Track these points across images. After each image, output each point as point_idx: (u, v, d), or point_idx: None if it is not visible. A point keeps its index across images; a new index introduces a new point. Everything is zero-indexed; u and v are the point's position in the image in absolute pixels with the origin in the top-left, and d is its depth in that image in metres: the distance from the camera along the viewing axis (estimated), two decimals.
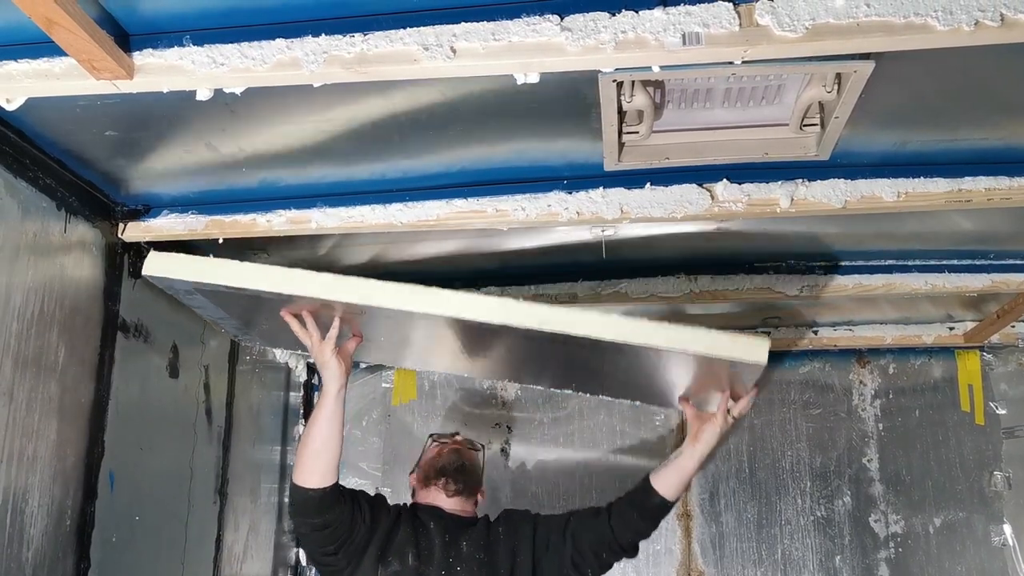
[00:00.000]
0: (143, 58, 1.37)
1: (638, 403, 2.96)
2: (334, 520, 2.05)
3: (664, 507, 2.15)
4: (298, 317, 2.01)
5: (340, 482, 2.09)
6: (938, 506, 3.07)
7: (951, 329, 3.09)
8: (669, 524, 3.05)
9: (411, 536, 2.14)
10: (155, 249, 1.95)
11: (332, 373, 2.00)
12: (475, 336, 2.09)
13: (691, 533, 3.09)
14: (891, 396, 3.18)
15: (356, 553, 2.10)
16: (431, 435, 2.53)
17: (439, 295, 1.88)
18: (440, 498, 2.28)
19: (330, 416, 2.01)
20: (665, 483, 2.14)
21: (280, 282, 1.87)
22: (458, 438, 2.46)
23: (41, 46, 1.35)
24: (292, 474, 2.05)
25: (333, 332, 1.98)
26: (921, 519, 3.06)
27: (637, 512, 2.15)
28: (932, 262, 2.47)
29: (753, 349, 1.87)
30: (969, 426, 3.12)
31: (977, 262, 2.46)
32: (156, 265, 1.89)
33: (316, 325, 1.99)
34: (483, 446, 2.58)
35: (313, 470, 2.01)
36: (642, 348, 1.91)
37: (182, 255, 1.92)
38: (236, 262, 1.90)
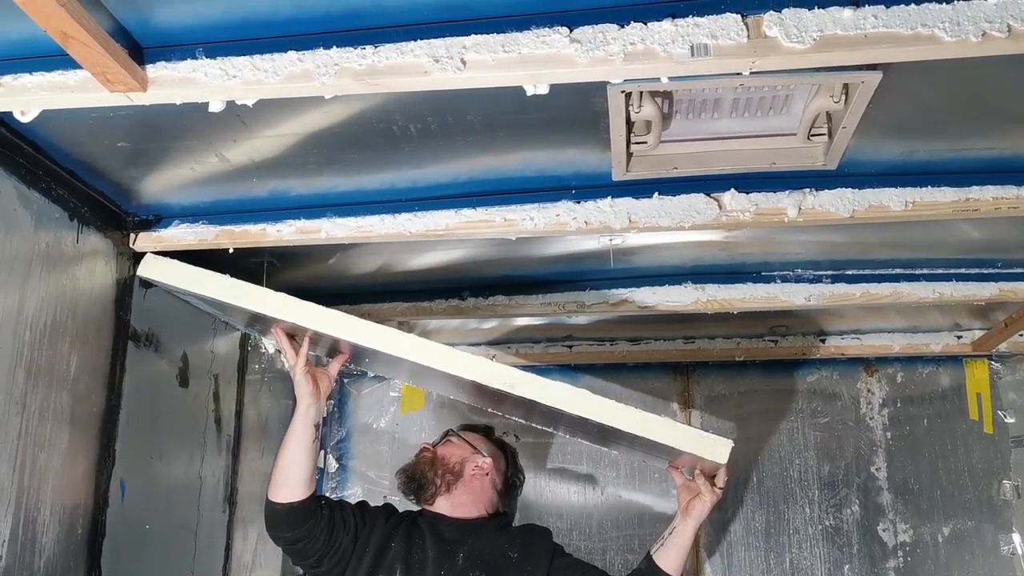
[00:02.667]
0: (156, 71, 1.39)
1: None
2: (306, 535, 2.06)
3: None
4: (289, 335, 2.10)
5: (341, 496, 2.11)
6: (947, 515, 3.06)
7: (959, 338, 3.09)
8: None
9: (404, 549, 2.12)
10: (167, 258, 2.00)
11: (301, 391, 2.07)
12: (455, 379, 2.11)
13: (699, 542, 3.08)
14: (899, 405, 3.17)
15: (345, 564, 2.10)
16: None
17: (400, 339, 2.01)
18: (432, 505, 2.27)
19: (298, 433, 2.05)
20: (668, 561, 2.18)
21: (262, 302, 2.00)
22: (428, 443, 2.40)
23: (56, 59, 1.37)
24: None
25: (303, 351, 2.08)
26: (930, 528, 3.05)
27: None
28: (939, 271, 2.46)
29: (715, 449, 2.02)
30: (977, 435, 3.11)
31: (985, 271, 2.45)
32: (151, 268, 2.01)
33: (290, 345, 2.09)
34: (483, 431, 2.48)
35: (282, 484, 2.05)
36: (611, 428, 1.98)
37: (176, 262, 2.01)
38: (225, 277, 2.01)
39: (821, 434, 3.16)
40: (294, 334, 2.12)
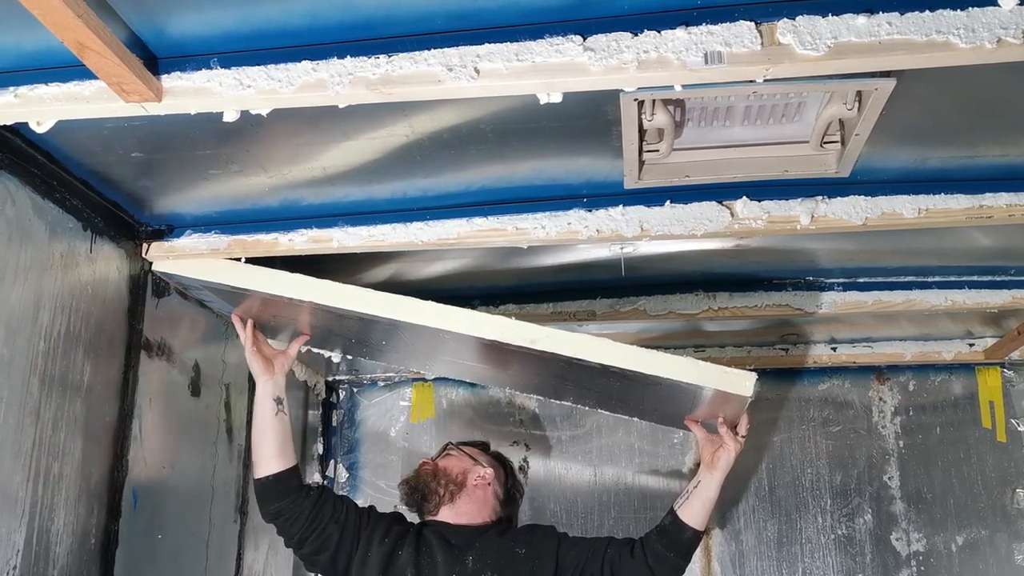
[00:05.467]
0: (171, 81, 1.39)
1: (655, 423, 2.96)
2: (286, 509, 2.12)
3: (697, 539, 2.17)
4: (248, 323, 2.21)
5: (343, 491, 2.16)
6: (960, 524, 3.04)
7: (971, 346, 3.07)
8: None
9: (412, 556, 2.13)
10: None
11: (255, 370, 2.19)
12: (473, 346, 2.12)
13: (711, 551, 3.07)
14: (911, 413, 3.15)
15: (331, 553, 2.12)
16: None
17: (411, 304, 2.07)
18: (436, 515, 2.28)
19: (259, 410, 2.17)
20: (692, 515, 2.16)
21: (274, 285, 2.04)
22: (428, 458, 2.42)
23: (72, 69, 1.37)
24: None
25: (248, 333, 2.18)
26: (943, 537, 3.03)
27: (674, 552, 2.15)
28: (952, 278, 2.46)
29: (740, 382, 2.02)
30: (990, 443, 3.09)
31: (997, 278, 2.45)
32: (167, 262, 2.07)
33: (243, 328, 2.19)
34: (481, 446, 2.50)
35: (256, 461, 2.16)
36: (633, 372, 1.98)
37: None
38: (235, 263, 2.05)
39: (833, 443, 3.14)
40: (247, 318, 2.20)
